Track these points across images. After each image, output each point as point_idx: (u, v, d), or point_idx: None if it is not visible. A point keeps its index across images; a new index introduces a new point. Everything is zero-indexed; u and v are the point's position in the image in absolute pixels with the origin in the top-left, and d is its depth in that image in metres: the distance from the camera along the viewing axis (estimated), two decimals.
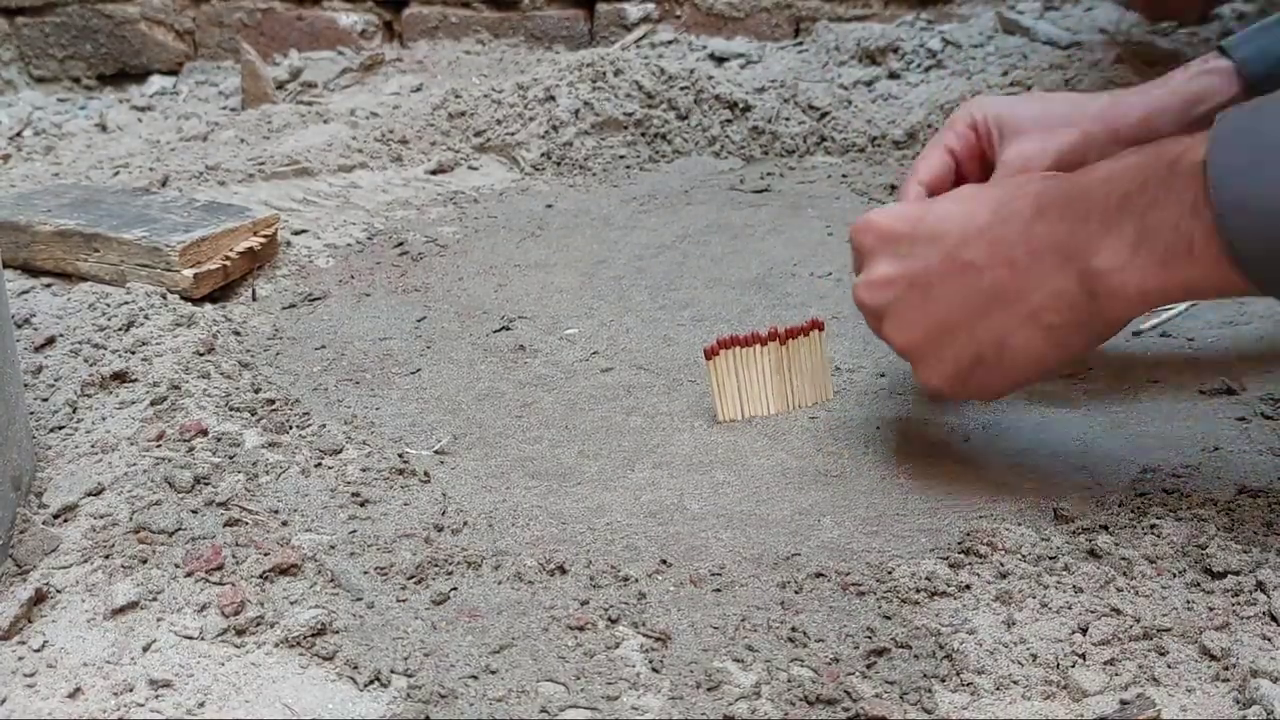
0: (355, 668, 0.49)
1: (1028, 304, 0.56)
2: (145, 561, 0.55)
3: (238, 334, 0.84)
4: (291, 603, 0.53)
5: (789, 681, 0.48)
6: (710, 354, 0.71)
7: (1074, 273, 0.54)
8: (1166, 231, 0.51)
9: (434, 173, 1.22)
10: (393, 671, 0.49)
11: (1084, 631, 0.51)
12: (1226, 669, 0.48)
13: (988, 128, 0.73)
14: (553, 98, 1.29)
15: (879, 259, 0.62)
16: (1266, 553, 0.54)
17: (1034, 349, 0.57)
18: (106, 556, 0.55)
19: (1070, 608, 0.52)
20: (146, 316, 0.81)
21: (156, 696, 0.48)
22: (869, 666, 0.49)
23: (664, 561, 0.57)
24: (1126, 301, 0.53)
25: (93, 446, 0.65)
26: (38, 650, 0.50)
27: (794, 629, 0.51)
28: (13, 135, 1.45)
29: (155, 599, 0.53)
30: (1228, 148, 0.49)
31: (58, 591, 0.54)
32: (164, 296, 0.85)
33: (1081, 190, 0.55)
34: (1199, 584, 0.53)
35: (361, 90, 1.56)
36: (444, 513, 0.61)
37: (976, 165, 0.74)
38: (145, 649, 0.50)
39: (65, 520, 0.59)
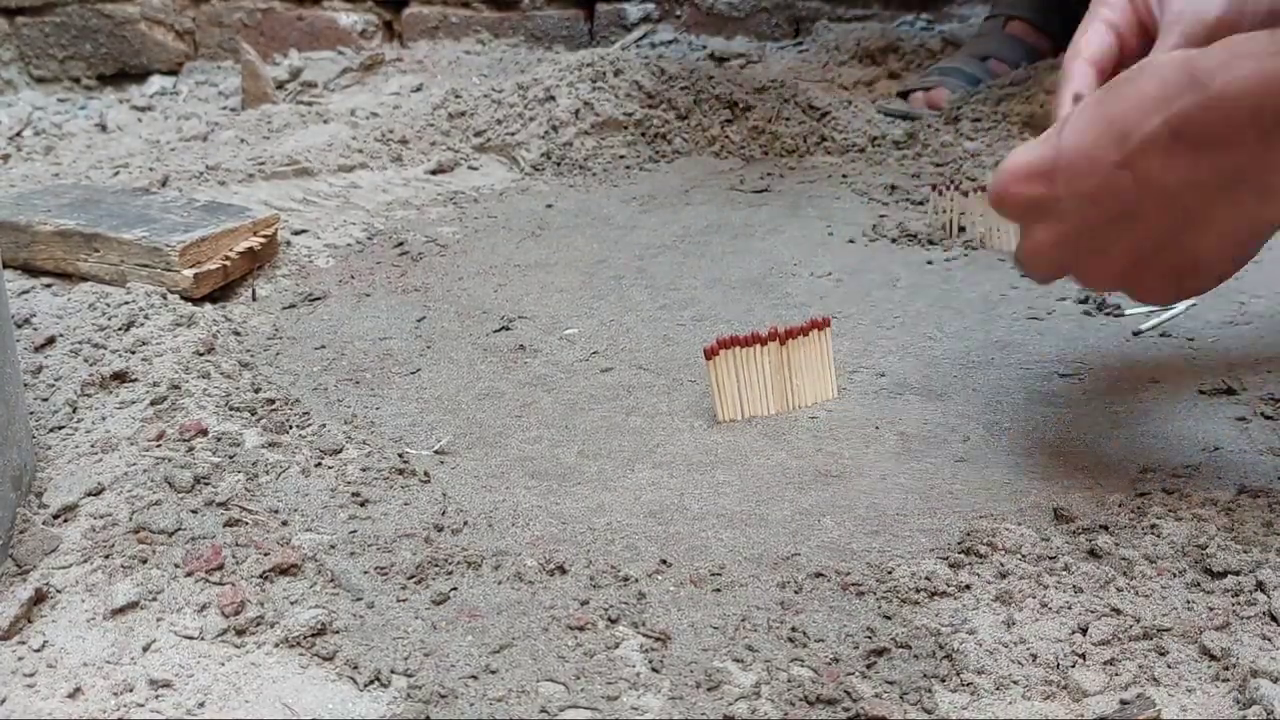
0: (355, 668, 0.49)
1: (1205, 226, 0.54)
2: (145, 561, 0.55)
3: (238, 334, 0.84)
4: (291, 603, 0.53)
5: (789, 681, 0.48)
6: (710, 354, 0.71)
7: (1249, 194, 0.52)
8: None
9: (434, 173, 1.22)
10: (393, 671, 0.49)
11: (1084, 631, 0.51)
12: (1226, 669, 0.48)
13: (1148, 1, 0.67)
14: (553, 98, 1.29)
15: (1033, 227, 0.59)
16: (1266, 553, 0.54)
17: (1228, 252, 0.55)
18: (106, 556, 0.55)
19: (1070, 608, 0.52)
20: (146, 316, 0.81)
21: (156, 696, 0.48)
22: (869, 666, 0.49)
23: (664, 561, 0.57)
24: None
25: (93, 446, 0.65)
26: (38, 650, 0.50)
27: (794, 629, 0.51)
28: (13, 135, 1.45)
29: (155, 599, 0.53)
30: None
31: (58, 591, 0.54)
32: (164, 296, 0.85)
33: (1215, 105, 0.51)
34: (1199, 584, 0.53)
35: (361, 90, 1.56)
36: (444, 513, 0.61)
37: (1137, 36, 0.69)
38: (145, 649, 0.50)
39: (65, 520, 0.59)
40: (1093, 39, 0.68)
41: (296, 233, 1.04)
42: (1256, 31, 0.51)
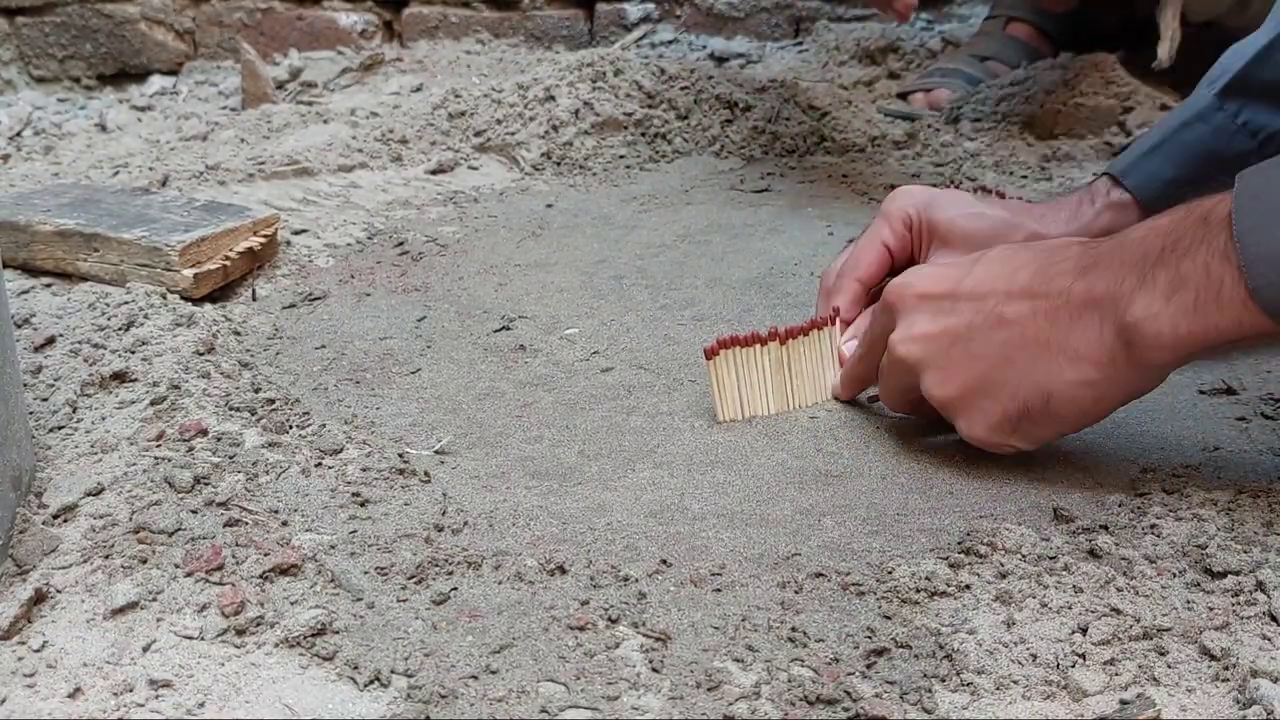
0: (355, 668, 0.49)
1: (1069, 357, 0.59)
2: (145, 561, 0.55)
3: (238, 334, 0.84)
4: (291, 603, 0.53)
5: (789, 681, 0.48)
6: (710, 354, 0.71)
7: (1111, 325, 0.57)
8: (1198, 277, 0.54)
9: (434, 172, 1.22)
10: (393, 671, 0.49)
11: (1084, 631, 0.51)
12: (1226, 669, 0.48)
13: (921, 231, 0.76)
14: (553, 98, 1.29)
15: (917, 315, 0.64)
16: (1266, 553, 0.54)
17: (1078, 401, 0.59)
18: (106, 556, 0.55)
19: (1070, 608, 0.52)
20: (146, 316, 0.81)
21: (156, 696, 0.48)
22: (869, 666, 0.49)
23: (664, 561, 0.57)
24: (1161, 349, 0.55)
25: (92, 446, 0.65)
26: (38, 650, 0.50)
27: (794, 629, 0.51)
28: (13, 135, 1.45)
29: (155, 599, 0.53)
30: (1247, 203, 0.53)
31: (58, 591, 0.54)
32: (164, 296, 0.85)
33: (1118, 249, 0.58)
34: (1199, 584, 0.53)
35: (361, 90, 1.56)
36: (444, 513, 0.61)
37: (907, 262, 0.76)
38: (145, 649, 0.50)
39: (65, 520, 0.59)
40: (870, 261, 0.76)
41: (296, 233, 1.04)
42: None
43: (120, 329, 0.79)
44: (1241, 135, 0.77)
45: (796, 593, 0.54)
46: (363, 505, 0.61)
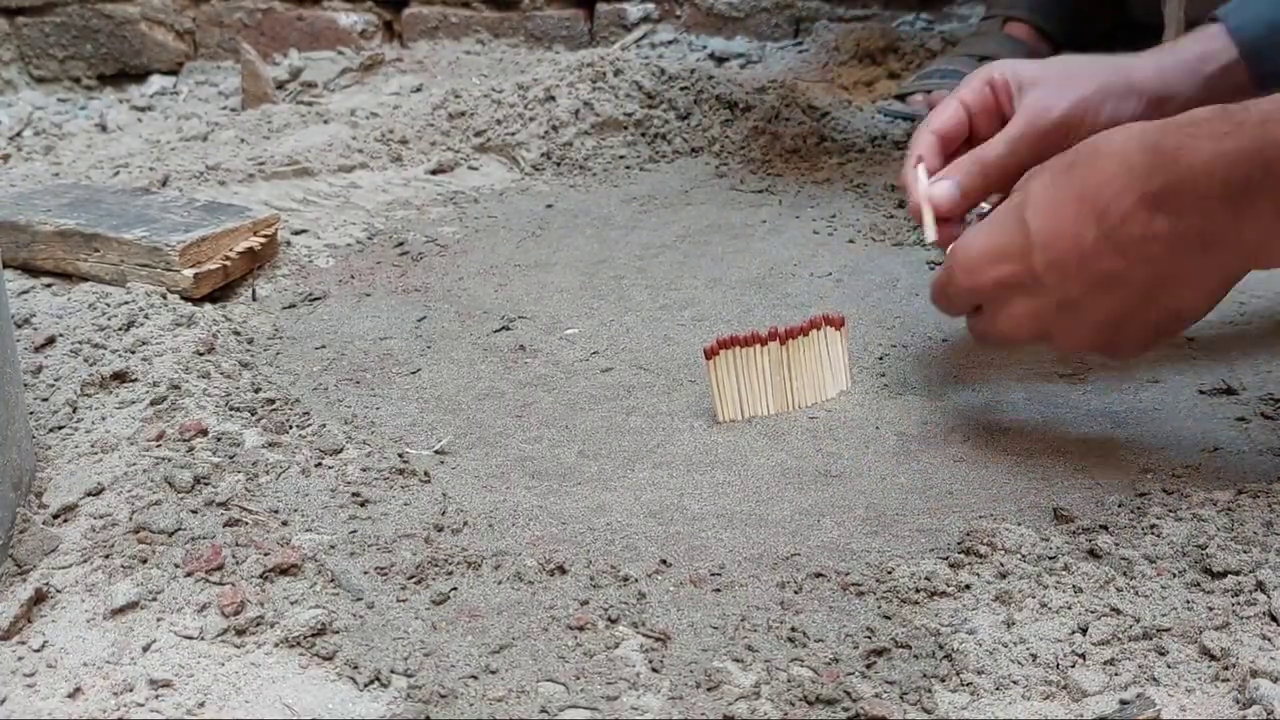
0: (355, 668, 0.49)
1: (1185, 283, 0.58)
2: (145, 561, 0.55)
3: (238, 334, 0.84)
4: (291, 603, 0.53)
5: (789, 681, 0.48)
6: (710, 354, 0.71)
7: (1227, 253, 0.56)
8: None
9: (434, 173, 1.22)
10: (393, 671, 0.49)
11: (1084, 631, 0.51)
12: (1226, 669, 0.48)
13: (1005, 82, 0.73)
14: (553, 98, 1.29)
15: (1011, 301, 0.62)
16: (1266, 553, 0.54)
17: (1207, 302, 0.59)
18: (106, 556, 0.55)
19: (1070, 608, 0.52)
20: (146, 316, 0.81)
21: (156, 696, 0.48)
22: (869, 666, 0.49)
23: (664, 561, 0.57)
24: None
25: (93, 446, 0.65)
26: (38, 650, 0.50)
27: (794, 629, 0.51)
28: (13, 135, 1.45)
29: (155, 599, 0.53)
30: None
31: (58, 591, 0.54)
32: (164, 296, 0.85)
33: (1188, 178, 0.55)
34: (1199, 584, 0.53)
35: (361, 90, 1.56)
36: (444, 513, 0.61)
37: (989, 120, 0.74)
38: (145, 649, 0.50)
39: (65, 520, 0.59)
40: (945, 114, 0.74)
41: (296, 233, 1.04)
42: (1207, 109, 0.56)
43: (120, 329, 0.79)
44: None
45: (796, 593, 0.54)
46: (363, 505, 0.61)
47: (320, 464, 0.65)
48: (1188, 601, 0.52)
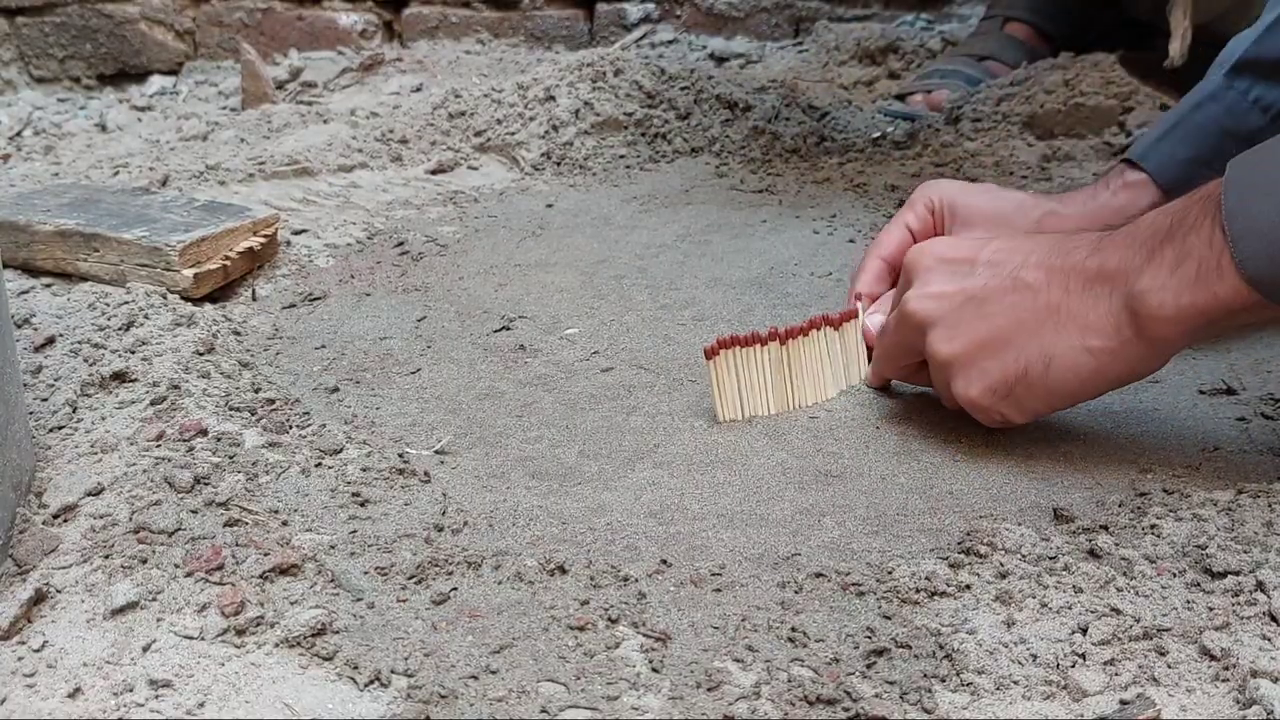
0: (355, 668, 0.49)
1: (1078, 324, 0.61)
2: (145, 561, 0.55)
3: (238, 334, 0.84)
4: (291, 603, 0.53)
5: (789, 681, 0.48)
6: (710, 354, 0.71)
7: (1119, 296, 0.59)
8: (1201, 249, 0.56)
9: (434, 172, 1.22)
10: (393, 671, 0.49)
11: (1084, 631, 0.51)
12: (1226, 669, 0.48)
13: (943, 213, 0.79)
14: (553, 98, 1.29)
15: (936, 275, 0.67)
16: (1266, 553, 0.54)
17: (1079, 369, 0.61)
18: (106, 556, 0.55)
19: (1070, 608, 0.52)
20: (146, 316, 0.81)
21: (156, 696, 0.48)
22: (869, 666, 0.49)
23: (664, 561, 0.57)
24: (1164, 320, 0.58)
25: (92, 446, 0.65)
26: (37, 650, 0.50)
27: (794, 629, 0.51)
28: (13, 135, 1.45)
29: (155, 599, 0.53)
30: (1235, 180, 0.56)
31: (57, 591, 0.54)
32: (164, 296, 0.85)
33: (1132, 229, 0.61)
34: (1199, 584, 0.53)
35: (361, 90, 1.56)
36: (444, 513, 0.61)
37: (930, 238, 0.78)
38: (145, 649, 0.50)
39: (65, 520, 0.59)
40: (892, 240, 0.79)
41: (296, 232, 1.04)
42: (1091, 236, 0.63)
43: (120, 329, 0.79)
44: (1254, 112, 0.79)
45: (796, 593, 0.54)
46: (363, 505, 0.61)
47: (320, 464, 0.65)
48: (1188, 601, 0.52)
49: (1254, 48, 0.79)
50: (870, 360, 0.76)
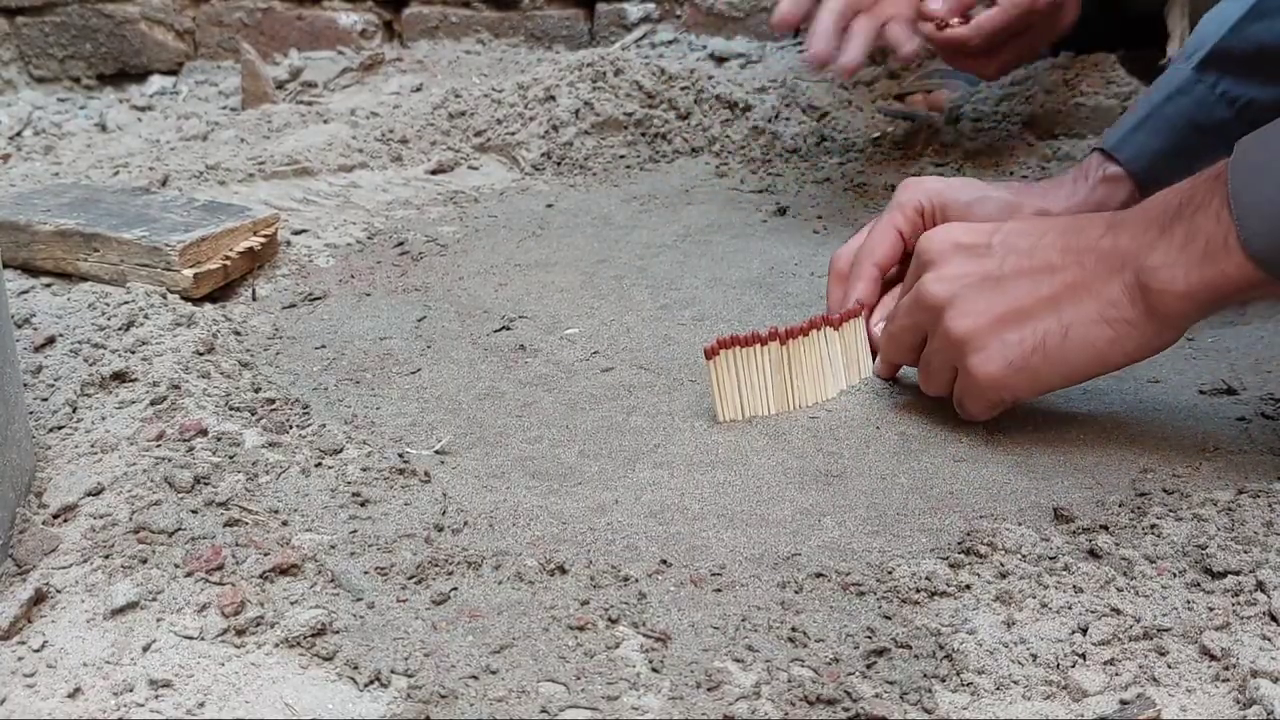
0: (355, 668, 0.49)
1: (1095, 299, 0.62)
2: (145, 561, 0.55)
3: (238, 334, 0.84)
4: (291, 603, 0.53)
5: (789, 681, 0.48)
6: (710, 354, 0.71)
7: (1132, 273, 0.61)
8: (1209, 227, 0.58)
9: (434, 172, 1.22)
10: (393, 671, 0.49)
11: (1084, 631, 0.51)
12: (1226, 669, 0.48)
13: (933, 213, 0.78)
14: (553, 98, 1.29)
15: (952, 259, 0.68)
16: (1266, 553, 0.54)
17: (1093, 343, 0.63)
18: (106, 556, 0.55)
19: (1070, 608, 0.52)
20: (146, 316, 0.81)
21: (156, 696, 0.48)
22: (869, 666, 0.49)
23: (664, 561, 0.57)
24: (1175, 296, 0.59)
25: (92, 446, 0.65)
26: (37, 650, 0.50)
27: (794, 629, 0.51)
28: (13, 135, 1.45)
29: (155, 599, 0.53)
30: (1241, 159, 0.58)
31: (57, 591, 0.54)
32: (164, 296, 0.85)
33: (1144, 207, 0.63)
34: (1199, 584, 0.53)
35: (361, 90, 1.56)
36: (444, 513, 0.61)
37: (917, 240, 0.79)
38: (145, 649, 0.50)
39: (65, 520, 0.59)
40: (884, 245, 0.78)
41: (296, 232, 1.04)
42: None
43: (120, 329, 0.79)
44: (1220, 105, 0.80)
45: (796, 593, 0.54)
46: (363, 505, 0.61)
47: (320, 464, 0.65)
48: (1188, 601, 0.52)
49: (1223, 42, 0.79)
50: (875, 357, 0.76)
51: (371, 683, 0.48)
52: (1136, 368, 0.77)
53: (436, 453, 0.69)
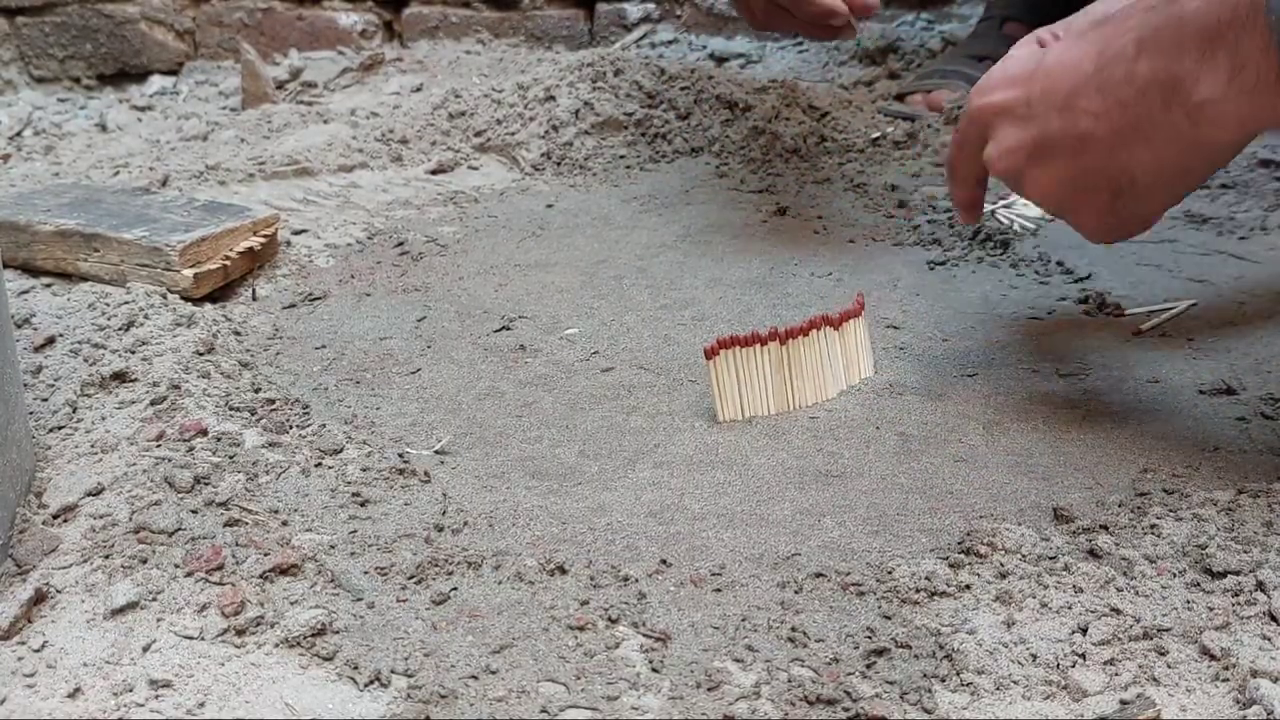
0: (355, 668, 0.49)
1: (1142, 139, 0.60)
2: (145, 561, 0.55)
3: (238, 334, 0.84)
4: (291, 603, 0.53)
5: (789, 681, 0.48)
6: (710, 354, 0.71)
7: (1180, 108, 0.58)
8: (1256, 59, 0.54)
9: (434, 172, 1.22)
10: (393, 671, 0.49)
11: (1084, 631, 0.51)
12: (1226, 669, 0.48)
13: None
14: (553, 98, 1.29)
15: (1003, 128, 0.66)
16: (1266, 553, 0.54)
17: (1162, 175, 0.62)
18: (106, 556, 0.55)
19: (1070, 608, 0.52)
20: (146, 316, 0.81)
21: (156, 696, 0.48)
22: (869, 666, 0.49)
23: (664, 561, 0.57)
24: (1227, 129, 0.58)
25: (93, 446, 0.65)
26: (37, 650, 0.50)
27: (794, 629, 0.51)
28: (13, 135, 1.45)
29: (155, 599, 0.53)
30: None
31: (57, 591, 0.54)
32: (164, 296, 0.85)
33: (1176, 21, 0.58)
34: (1199, 584, 0.53)
35: (361, 90, 1.56)
36: (444, 513, 0.61)
37: None
38: (145, 649, 0.50)
39: (65, 520, 0.59)
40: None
41: (296, 232, 1.04)
42: None
43: (120, 329, 0.79)
44: None
45: (796, 593, 0.54)
46: (363, 505, 0.61)
47: (320, 464, 0.65)
48: (1188, 601, 0.52)
49: None
50: (871, 353, 0.76)
51: (371, 683, 0.48)
52: (1136, 367, 0.78)
53: (436, 453, 0.69)
